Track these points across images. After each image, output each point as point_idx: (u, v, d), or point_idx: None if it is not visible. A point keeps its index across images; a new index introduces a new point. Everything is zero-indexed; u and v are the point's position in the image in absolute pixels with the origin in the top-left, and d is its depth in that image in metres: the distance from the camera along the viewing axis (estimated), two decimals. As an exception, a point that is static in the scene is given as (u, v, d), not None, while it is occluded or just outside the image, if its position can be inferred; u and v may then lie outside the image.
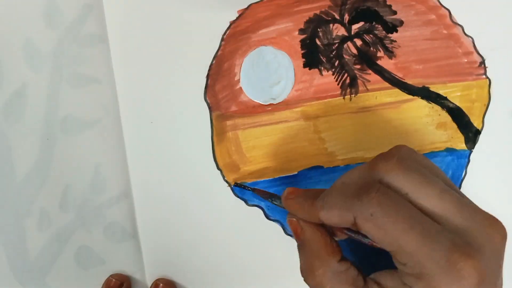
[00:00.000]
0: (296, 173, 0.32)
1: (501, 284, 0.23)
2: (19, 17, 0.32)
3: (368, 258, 0.27)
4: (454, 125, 0.32)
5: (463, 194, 0.24)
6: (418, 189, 0.22)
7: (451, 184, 0.24)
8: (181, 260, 0.32)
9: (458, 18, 0.33)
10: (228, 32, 0.32)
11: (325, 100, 0.32)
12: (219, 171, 0.32)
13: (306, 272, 0.25)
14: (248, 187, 0.31)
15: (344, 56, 0.32)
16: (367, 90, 0.32)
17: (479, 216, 0.22)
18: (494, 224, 0.22)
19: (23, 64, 0.32)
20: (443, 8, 0.33)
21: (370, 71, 0.32)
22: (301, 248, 0.26)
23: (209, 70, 0.32)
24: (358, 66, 0.32)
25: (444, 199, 0.22)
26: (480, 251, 0.21)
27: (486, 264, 0.21)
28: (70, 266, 0.33)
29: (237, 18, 0.33)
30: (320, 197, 0.25)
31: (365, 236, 0.24)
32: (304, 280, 0.25)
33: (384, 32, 0.32)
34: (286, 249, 0.32)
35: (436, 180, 0.23)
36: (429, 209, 0.22)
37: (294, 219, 0.26)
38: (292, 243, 0.32)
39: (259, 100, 0.32)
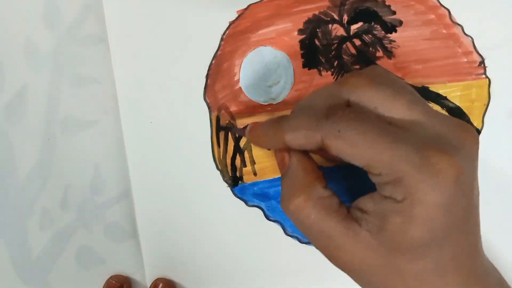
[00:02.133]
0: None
1: (478, 192, 0.23)
2: (19, 18, 0.32)
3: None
4: (454, 125, 0.32)
5: (431, 108, 0.24)
6: (387, 102, 0.22)
7: (420, 98, 0.24)
8: (181, 260, 0.33)
9: (457, 18, 0.33)
10: (227, 32, 0.33)
11: (325, 100, 0.32)
12: (218, 171, 0.32)
13: (289, 198, 0.24)
14: (230, 128, 0.31)
15: (343, 56, 0.32)
16: (367, 90, 0.32)
17: (450, 121, 0.22)
18: (465, 129, 0.22)
19: (24, 65, 0.32)
20: (442, 8, 0.33)
21: (369, 71, 0.32)
22: (285, 176, 0.25)
23: (208, 70, 0.32)
24: (357, 67, 0.32)
25: (413, 109, 0.22)
26: (454, 150, 0.21)
27: (462, 162, 0.21)
28: (71, 265, 0.33)
29: (237, 18, 0.33)
30: (285, 120, 0.24)
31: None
32: (284, 209, 0.24)
33: (383, 32, 0.32)
34: (286, 250, 0.32)
35: (405, 92, 0.23)
36: (398, 122, 0.22)
37: (281, 150, 0.26)
38: (292, 243, 0.32)
39: (258, 100, 0.32)
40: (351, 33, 0.32)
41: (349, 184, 0.31)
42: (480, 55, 0.32)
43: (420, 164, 0.20)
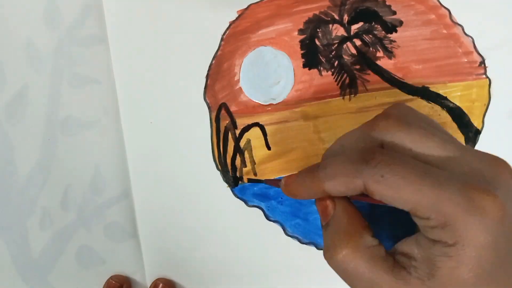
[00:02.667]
0: (296, 173, 0.32)
1: None
2: (19, 18, 0.32)
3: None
4: (454, 125, 0.32)
5: (463, 144, 0.24)
6: (420, 142, 0.22)
7: (451, 136, 0.24)
8: (181, 260, 0.33)
9: (458, 18, 0.33)
10: (227, 32, 0.33)
11: (325, 100, 0.32)
12: (218, 172, 0.32)
13: (335, 249, 0.23)
14: (261, 180, 0.31)
15: (344, 56, 0.32)
16: (367, 91, 0.32)
17: (485, 157, 0.22)
18: (501, 163, 0.22)
19: (25, 65, 0.32)
20: (443, 8, 0.33)
21: (369, 71, 0.32)
22: (328, 226, 0.24)
23: (208, 70, 0.32)
24: (357, 67, 0.32)
25: (446, 147, 0.22)
26: (494, 187, 0.21)
27: (504, 198, 0.21)
28: (72, 265, 0.33)
29: (237, 18, 0.33)
30: (320, 168, 0.24)
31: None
32: (329, 260, 0.23)
33: (383, 32, 0.32)
34: (287, 250, 0.32)
35: (436, 132, 0.23)
36: (434, 160, 0.22)
37: (322, 198, 0.25)
38: (292, 243, 0.32)
39: (259, 100, 0.32)
40: (352, 33, 0.32)
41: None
42: (481, 55, 0.32)
43: (466, 206, 0.20)
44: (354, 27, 0.32)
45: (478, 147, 0.32)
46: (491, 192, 0.20)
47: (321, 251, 0.31)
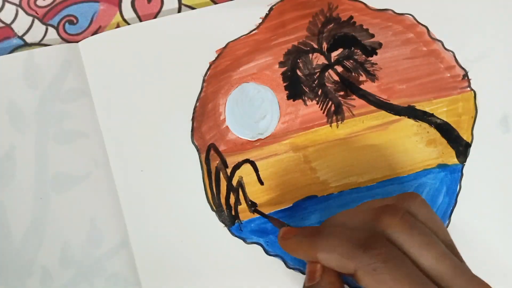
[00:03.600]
0: (291, 205, 0.32)
1: None
2: (0, 80, 0.32)
3: None
4: (444, 141, 0.32)
5: (462, 259, 0.25)
6: (419, 250, 0.23)
7: (452, 245, 0.25)
8: (185, 305, 0.32)
9: (436, 34, 0.33)
10: (208, 73, 0.33)
11: (312, 130, 0.32)
12: (214, 212, 0.32)
13: None
14: (265, 215, 0.31)
15: (327, 84, 0.32)
16: (353, 116, 0.32)
17: (473, 281, 0.23)
18: None
19: (9, 127, 0.32)
20: (420, 26, 0.33)
21: (354, 96, 0.32)
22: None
23: (193, 113, 0.32)
24: (341, 93, 0.32)
25: (442, 263, 0.23)
26: None
27: None
28: (77, 320, 0.33)
29: (216, 58, 0.33)
30: (319, 237, 0.25)
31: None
32: None
33: (363, 56, 0.32)
34: (289, 283, 0.32)
35: (437, 243, 0.23)
36: (427, 270, 0.23)
37: (314, 262, 0.26)
38: (295, 276, 0.32)
39: (246, 136, 0.32)
40: (332, 60, 0.32)
41: None
42: (463, 68, 0.33)
43: None
44: (334, 54, 0.32)
45: (470, 159, 0.32)
46: None
47: (325, 281, 0.32)
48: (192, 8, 0.34)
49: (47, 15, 0.34)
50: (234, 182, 0.32)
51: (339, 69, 0.32)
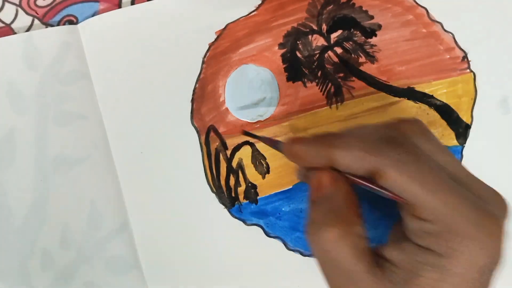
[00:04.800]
0: (290, 187, 0.32)
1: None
2: (-1, 62, 0.32)
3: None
4: (444, 122, 0.32)
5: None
6: (441, 154, 0.22)
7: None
8: (185, 285, 0.32)
9: (436, 15, 0.33)
10: (208, 54, 0.32)
11: (312, 111, 0.32)
12: (214, 194, 0.32)
13: (321, 226, 0.21)
14: (255, 136, 0.28)
15: (326, 65, 0.32)
16: (353, 97, 0.32)
17: (489, 190, 0.22)
18: (503, 199, 0.22)
19: (9, 109, 0.32)
20: (420, 7, 0.33)
21: (353, 78, 0.32)
22: (321, 202, 0.22)
23: (193, 94, 0.32)
24: (341, 74, 0.32)
25: (461, 168, 0.22)
26: (501, 217, 0.21)
27: (505, 229, 0.21)
28: (77, 302, 0.33)
29: (216, 39, 0.33)
30: (336, 136, 0.22)
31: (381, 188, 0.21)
32: (311, 236, 0.22)
33: (363, 37, 0.32)
34: (289, 265, 0.32)
35: (451, 152, 0.23)
36: (452, 173, 0.21)
37: (322, 171, 0.23)
38: (295, 258, 0.32)
39: (246, 118, 0.32)
40: (332, 42, 0.32)
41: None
42: (463, 50, 0.32)
43: (476, 222, 0.20)
44: (334, 36, 0.32)
45: (470, 141, 0.32)
46: (497, 217, 0.20)
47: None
48: (192, -9, 0.34)
49: (47, 15, 0.34)
50: (234, 164, 0.32)
51: (339, 50, 0.32)
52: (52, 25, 0.34)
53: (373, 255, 0.22)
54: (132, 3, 0.33)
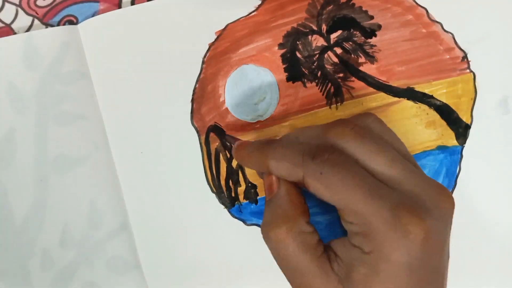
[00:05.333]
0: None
1: (448, 256, 0.23)
2: (-1, 63, 0.32)
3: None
4: (443, 122, 0.32)
5: (418, 166, 0.25)
6: (369, 157, 0.23)
7: (408, 155, 0.25)
8: (186, 286, 0.33)
9: (436, 16, 0.33)
10: (208, 54, 0.33)
11: (312, 112, 0.32)
12: (214, 194, 0.32)
13: (270, 226, 0.24)
14: (221, 134, 0.31)
15: (326, 66, 0.32)
16: (353, 97, 0.32)
17: (428, 183, 0.23)
18: (442, 192, 0.23)
19: (9, 109, 0.32)
20: (419, 8, 0.33)
21: (353, 78, 0.32)
22: (270, 202, 0.25)
23: (193, 95, 0.32)
24: (340, 75, 0.32)
25: (393, 167, 0.23)
26: (427, 213, 0.21)
27: (432, 225, 0.21)
28: (77, 302, 0.33)
29: (216, 39, 0.33)
30: (271, 146, 0.25)
31: None
32: (264, 236, 0.24)
33: (363, 38, 0.32)
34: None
35: (388, 149, 0.23)
36: (379, 176, 0.23)
37: (270, 175, 0.26)
38: (294, 257, 0.32)
39: (246, 118, 0.32)
40: (332, 42, 0.32)
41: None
42: (462, 50, 0.32)
43: (391, 222, 0.21)
44: (333, 36, 0.32)
45: (470, 142, 0.32)
46: (418, 215, 0.21)
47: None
48: (192, -9, 0.34)
49: (47, 15, 0.34)
50: (234, 164, 0.32)
51: (338, 51, 0.32)
52: (52, 25, 0.34)
53: (324, 249, 0.24)
54: (132, 3, 0.34)
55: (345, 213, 0.22)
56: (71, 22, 0.34)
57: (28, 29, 0.34)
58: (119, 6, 0.34)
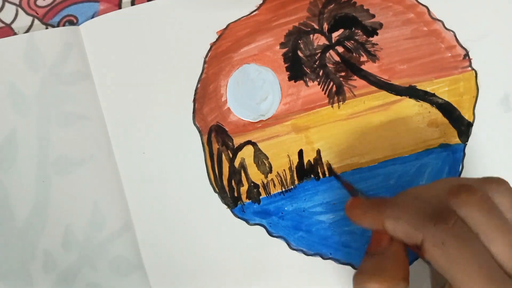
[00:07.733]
0: (293, 186, 0.32)
1: None
2: (0, 63, 0.32)
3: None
4: (446, 121, 0.32)
5: None
6: (492, 234, 0.21)
7: None
8: (188, 286, 0.32)
9: (437, 14, 0.33)
10: (209, 54, 0.33)
11: (314, 111, 0.32)
12: (216, 194, 0.32)
13: (371, 279, 0.23)
14: (339, 178, 0.31)
15: (328, 65, 0.32)
16: (354, 96, 0.32)
17: None
18: None
19: (10, 110, 0.32)
20: (421, 6, 0.33)
21: (355, 77, 0.32)
22: (375, 255, 0.24)
23: (195, 95, 0.32)
24: (342, 73, 0.32)
25: None
26: None
27: None
28: (80, 304, 0.33)
29: (217, 39, 0.33)
30: (388, 205, 0.24)
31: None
32: (358, 283, 0.23)
33: (364, 36, 0.32)
34: (292, 264, 0.32)
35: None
36: (497, 257, 0.21)
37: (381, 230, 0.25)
38: (298, 257, 0.32)
39: (248, 118, 0.32)
40: (333, 41, 0.32)
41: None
42: (464, 48, 0.33)
43: None
44: (335, 35, 0.32)
45: (472, 139, 0.32)
46: None
47: (328, 261, 0.32)
48: (192, -9, 0.34)
49: (47, 15, 0.34)
50: (237, 163, 0.32)
51: (340, 49, 0.32)
52: (52, 25, 0.34)
53: None
54: (132, 3, 0.33)
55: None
56: (71, 22, 0.34)
57: (28, 29, 0.34)
58: (119, 6, 0.34)
